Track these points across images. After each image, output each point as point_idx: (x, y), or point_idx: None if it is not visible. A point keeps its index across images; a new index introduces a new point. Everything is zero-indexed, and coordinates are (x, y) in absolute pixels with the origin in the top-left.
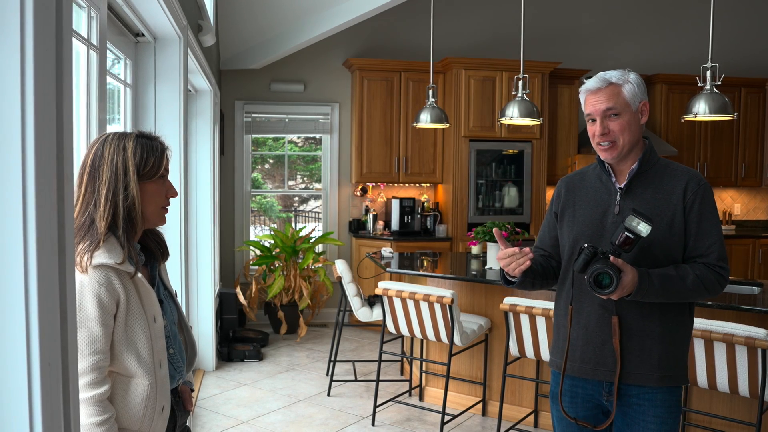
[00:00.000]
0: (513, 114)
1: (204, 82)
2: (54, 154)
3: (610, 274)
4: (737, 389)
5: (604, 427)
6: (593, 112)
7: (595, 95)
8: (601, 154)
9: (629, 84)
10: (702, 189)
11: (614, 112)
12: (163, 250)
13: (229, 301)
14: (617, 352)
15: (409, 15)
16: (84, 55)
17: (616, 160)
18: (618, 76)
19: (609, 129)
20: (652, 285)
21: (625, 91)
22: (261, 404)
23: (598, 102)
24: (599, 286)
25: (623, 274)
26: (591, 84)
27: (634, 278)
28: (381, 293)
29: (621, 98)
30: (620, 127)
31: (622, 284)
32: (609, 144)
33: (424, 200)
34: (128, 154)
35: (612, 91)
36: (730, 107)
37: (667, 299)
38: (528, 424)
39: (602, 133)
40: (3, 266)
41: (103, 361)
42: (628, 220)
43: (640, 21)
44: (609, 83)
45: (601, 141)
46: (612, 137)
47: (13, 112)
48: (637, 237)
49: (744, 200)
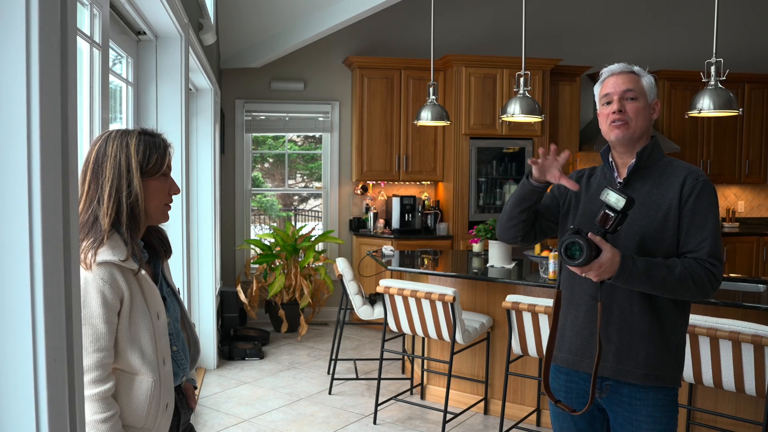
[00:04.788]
0: (515, 111)
1: (205, 81)
2: (59, 151)
3: (580, 244)
4: (743, 388)
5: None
6: (613, 91)
7: (618, 77)
8: (612, 133)
9: (648, 77)
10: (700, 184)
11: (633, 95)
12: (166, 247)
13: (230, 300)
14: (598, 338)
15: (409, 13)
16: (87, 53)
17: (626, 141)
18: (639, 68)
19: (625, 109)
20: (635, 268)
21: (644, 82)
22: (262, 402)
23: (619, 83)
24: (569, 256)
25: (602, 252)
26: (615, 67)
27: (615, 258)
28: (382, 291)
29: (640, 85)
30: (635, 110)
31: (599, 262)
32: (622, 122)
33: (424, 198)
34: (131, 151)
35: (634, 78)
36: (735, 103)
37: (654, 288)
38: (530, 422)
39: (618, 110)
40: (9, 262)
41: (107, 358)
42: (603, 194)
43: (641, 17)
44: (632, 71)
45: (615, 119)
46: (626, 117)
47: (19, 109)
48: (614, 213)
49: (748, 197)
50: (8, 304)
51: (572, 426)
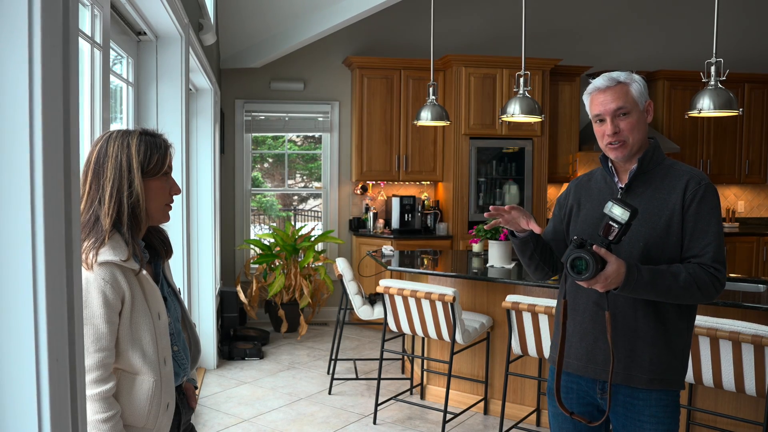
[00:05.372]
0: (515, 111)
1: (205, 81)
2: (61, 151)
3: (586, 259)
4: (743, 388)
5: (597, 423)
6: (603, 111)
7: (604, 94)
8: (610, 154)
9: (636, 83)
10: (702, 189)
11: (624, 111)
12: (167, 247)
13: (229, 300)
14: (610, 347)
15: (409, 13)
16: (87, 53)
17: (625, 159)
18: (625, 75)
19: (620, 128)
20: (641, 278)
21: (633, 90)
22: (262, 402)
23: (608, 101)
24: (576, 272)
25: (607, 264)
26: (599, 83)
27: (620, 269)
28: (382, 291)
29: (630, 97)
30: (630, 126)
31: (605, 274)
32: (619, 143)
33: (424, 198)
34: (132, 151)
35: (621, 90)
36: (735, 103)
37: (659, 296)
38: (530, 422)
39: (614, 132)
40: (11, 262)
41: (109, 358)
42: (607, 206)
43: (640, 17)
44: (617, 82)
45: (611, 141)
46: (622, 136)
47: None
48: (618, 224)
49: (748, 197)
50: (10, 304)
51: (571, 427)
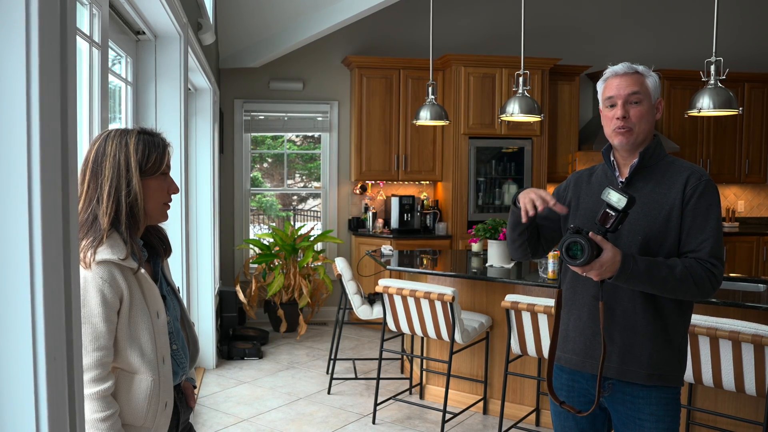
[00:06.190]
0: (514, 110)
1: (204, 81)
2: (59, 150)
3: (581, 243)
4: (743, 388)
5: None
6: (617, 95)
7: (621, 78)
8: (615, 139)
9: (652, 77)
10: (702, 184)
11: (637, 98)
12: (165, 246)
13: (229, 300)
14: (602, 337)
15: (408, 12)
16: (86, 52)
17: (629, 147)
18: (643, 68)
19: (629, 114)
20: (636, 267)
21: (649, 83)
22: (261, 402)
23: (623, 86)
24: (571, 256)
25: (603, 252)
26: (618, 68)
27: (616, 257)
28: (381, 291)
29: (645, 87)
30: (639, 115)
31: (600, 261)
32: (626, 129)
33: (423, 198)
34: (130, 150)
35: (638, 79)
36: (735, 102)
37: (654, 288)
38: (529, 422)
39: (623, 116)
40: (9, 261)
41: (107, 357)
42: (604, 193)
43: (640, 16)
44: (636, 71)
45: (619, 126)
46: (630, 123)
47: (19, 108)
48: (615, 211)
49: (748, 197)
50: (8, 302)
51: (574, 425)
